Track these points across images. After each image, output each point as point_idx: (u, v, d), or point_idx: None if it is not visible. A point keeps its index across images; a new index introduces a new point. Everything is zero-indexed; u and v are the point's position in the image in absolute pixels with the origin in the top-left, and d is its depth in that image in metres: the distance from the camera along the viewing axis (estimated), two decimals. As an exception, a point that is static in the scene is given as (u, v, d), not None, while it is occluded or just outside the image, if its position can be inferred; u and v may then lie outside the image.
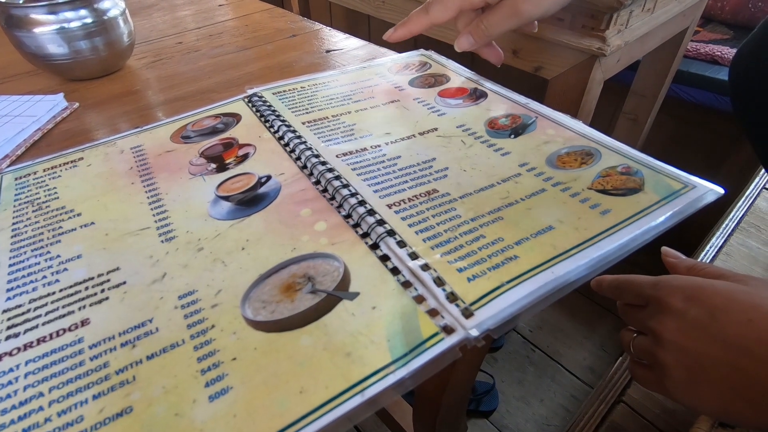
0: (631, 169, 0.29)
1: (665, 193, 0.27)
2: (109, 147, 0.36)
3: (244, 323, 0.22)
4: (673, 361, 0.25)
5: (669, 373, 0.25)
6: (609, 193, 0.28)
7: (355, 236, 0.26)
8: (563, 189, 0.28)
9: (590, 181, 0.29)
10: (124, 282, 0.24)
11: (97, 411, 0.19)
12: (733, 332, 0.23)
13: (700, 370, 0.24)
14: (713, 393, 0.23)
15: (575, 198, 0.28)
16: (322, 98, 0.40)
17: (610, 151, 0.31)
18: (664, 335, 0.25)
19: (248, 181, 0.31)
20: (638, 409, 0.45)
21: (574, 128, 0.34)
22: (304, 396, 0.19)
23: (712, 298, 0.24)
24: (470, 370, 0.57)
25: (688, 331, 0.24)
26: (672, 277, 0.27)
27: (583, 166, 0.30)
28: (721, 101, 0.87)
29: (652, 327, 0.26)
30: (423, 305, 0.22)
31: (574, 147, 0.32)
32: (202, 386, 0.19)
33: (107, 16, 0.45)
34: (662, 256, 0.31)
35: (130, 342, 0.21)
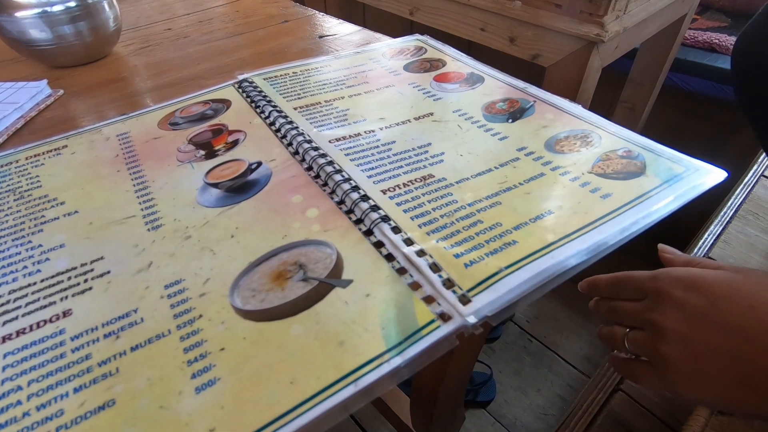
0: (632, 153, 0.29)
1: (667, 177, 0.27)
2: (94, 134, 0.34)
3: (233, 312, 0.21)
4: (675, 351, 0.24)
5: (671, 364, 0.25)
6: (610, 176, 0.27)
7: (349, 222, 0.25)
8: (563, 173, 0.28)
9: (590, 165, 0.28)
10: (109, 271, 0.23)
11: (77, 404, 0.18)
12: (735, 319, 0.23)
13: (703, 359, 0.23)
14: (716, 382, 0.23)
15: (575, 182, 0.27)
16: (314, 83, 0.39)
17: (610, 135, 0.31)
18: (666, 325, 0.25)
19: (238, 168, 0.30)
20: (636, 397, 0.45)
21: (573, 112, 0.33)
22: (295, 387, 0.18)
23: (712, 286, 0.24)
24: (467, 361, 0.56)
25: (689, 320, 0.24)
26: (670, 269, 0.27)
27: (582, 149, 0.29)
28: (719, 90, 0.86)
29: (652, 319, 0.25)
30: (419, 292, 0.21)
31: (574, 131, 0.31)
32: (188, 378, 0.18)
33: (91, 0, 0.44)
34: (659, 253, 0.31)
35: (114, 333, 0.20)
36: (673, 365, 0.24)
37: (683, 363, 0.24)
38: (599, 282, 0.32)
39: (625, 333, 0.28)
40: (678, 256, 0.30)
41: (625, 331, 0.28)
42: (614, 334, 0.29)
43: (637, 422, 0.43)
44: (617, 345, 0.29)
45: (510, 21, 0.68)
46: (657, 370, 0.26)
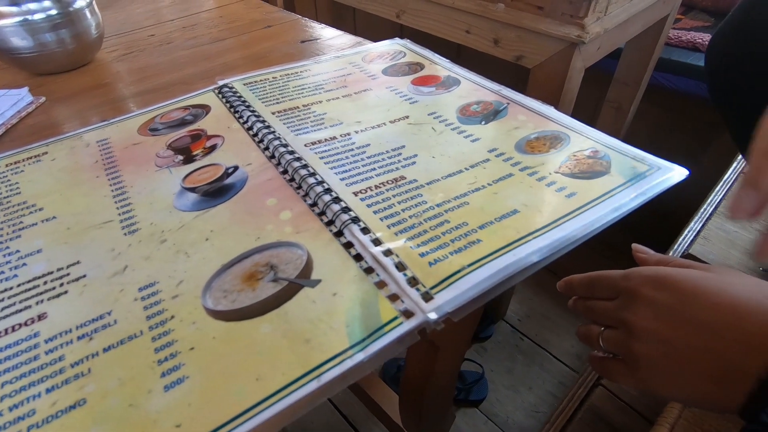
0: (599, 153, 0.30)
1: (630, 176, 0.27)
2: (74, 141, 0.35)
3: (204, 313, 0.21)
4: (646, 349, 0.25)
5: (642, 362, 0.25)
6: (576, 176, 0.28)
7: (320, 224, 0.26)
8: (530, 173, 0.28)
9: (558, 165, 0.29)
10: (84, 275, 0.24)
11: (49, 404, 0.18)
12: (703, 316, 0.23)
13: (673, 356, 0.24)
14: (685, 377, 0.24)
15: (542, 182, 0.28)
16: (293, 88, 0.39)
17: (578, 136, 0.31)
18: (638, 324, 0.25)
19: (215, 172, 0.30)
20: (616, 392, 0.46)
21: (545, 114, 0.34)
22: (261, 383, 0.18)
23: (681, 284, 0.25)
24: (453, 360, 0.57)
25: (659, 318, 0.25)
26: (641, 268, 0.27)
27: (551, 150, 0.30)
28: (704, 88, 0.87)
29: (624, 317, 0.26)
30: (384, 290, 0.22)
31: (544, 132, 0.32)
32: (158, 376, 0.19)
33: (73, 8, 0.44)
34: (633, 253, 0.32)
35: (87, 335, 0.21)
36: (645, 363, 0.25)
37: (654, 360, 0.25)
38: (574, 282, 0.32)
39: (600, 332, 0.29)
40: (651, 256, 0.31)
41: (600, 329, 0.29)
42: (590, 332, 0.30)
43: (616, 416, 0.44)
44: (593, 344, 0.30)
45: (493, 23, 0.68)
46: (630, 367, 0.26)
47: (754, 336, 0.21)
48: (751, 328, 0.22)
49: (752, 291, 0.23)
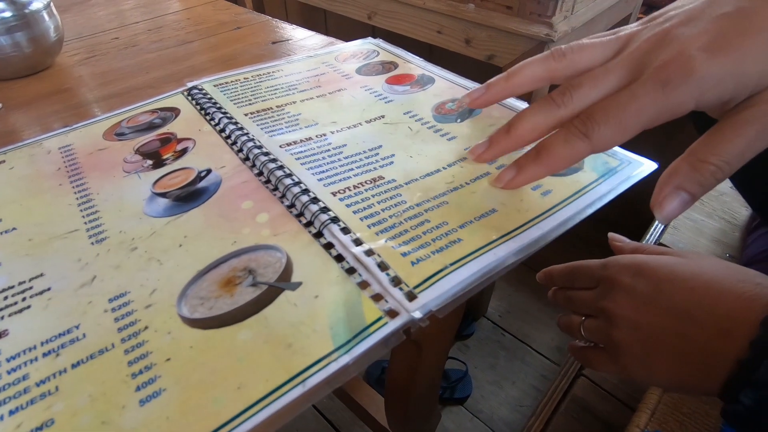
0: None
1: (603, 171, 0.28)
2: (34, 148, 0.33)
3: (180, 322, 0.21)
4: (626, 336, 0.25)
5: (623, 349, 0.25)
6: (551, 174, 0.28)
7: (299, 226, 0.25)
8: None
9: None
10: (49, 288, 0.23)
11: (13, 427, 0.17)
12: (678, 300, 0.24)
13: (652, 342, 0.24)
14: (664, 363, 0.24)
15: None
16: (266, 89, 0.39)
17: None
18: (616, 311, 0.25)
19: (187, 176, 0.29)
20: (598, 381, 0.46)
21: (518, 110, 0.34)
22: (242, 391, 0.18)
23: (656, 271, 0.25)
24: (437, 359, 0.57)
25: (637, 305, 0.25)
26: (619, 257, 0.27)
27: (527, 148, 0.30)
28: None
29: (603, 306, 0.26)
30: (367, 291, 0.21)
31: None
32: (132, 391, 0.18)
33: (29, 10, 0.42)
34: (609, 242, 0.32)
35: (54, 351, 0.20)
36: (624, 350, 0.25)
37: (634, 347, 0.25)
38: (554, 272, 0.33)
39: (581, 321, 0.29)
40: (627, 244, 0.31)
41: (581, 319, 0.29)
42: (571, 322, 0.30)
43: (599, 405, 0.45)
44: (574, 333, 0.30)
45: (465, 23, 0.69)
46: (611, 355, 0.27)
47: (728, 318, 0.22)
48: (726, 311, 0.22)
49: (726, 274, 0.24)
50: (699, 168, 0.20)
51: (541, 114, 0.24)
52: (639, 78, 0.21)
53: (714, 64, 0.19)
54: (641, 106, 0.21)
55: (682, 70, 0.20)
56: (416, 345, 0.47)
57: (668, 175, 0.21)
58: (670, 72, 0.20)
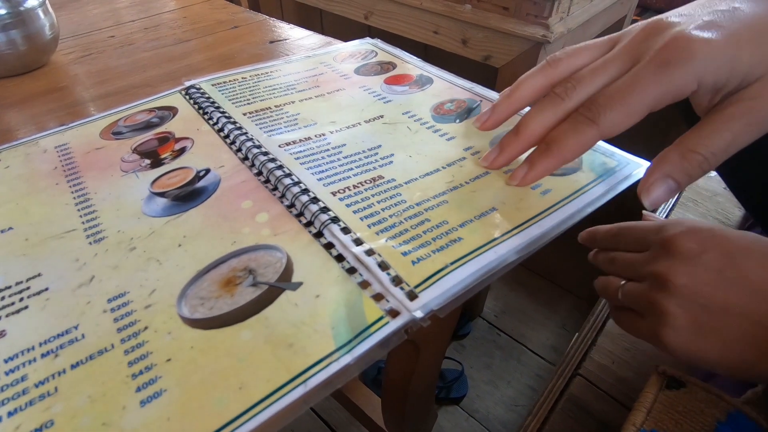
0: None
1: (601, 171, 0.28)
2: (30, 147, 0.33)
3: (180, 322, 0.20)
4: (678, 308, 0.22)
5: (670, 321, 0.23)
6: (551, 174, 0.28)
7: (299, 225, 0.25)
8: (506, 171, 0.29)
9: None
10: (47, 288, 0.22)
11: (12, 428, 0.17)
12: (755, 276, 0.21)
13: (711, 317, 0.22)
14: (721, 342, 0.22)
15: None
16: (264, 89, 0.39)
17: None
18: (672, 279, 0.22)
19: (185, 176, 0.29)
20: (594, 380, 0.47)
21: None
22: (244, 392, 0.18)
23: (730, 241, 0.22)
24: (434, 359, 0.57)
25: (700, 275, 0.22)
26: (681, 220, 0.25)
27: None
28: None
29: (656, 271, 0.23)
30: (368, 290, 0.21)
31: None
32: (132, 391, 0.18)
33: (24, 7, 0.42)
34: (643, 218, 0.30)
35: (53, 351, 0.20)
36: (672, 321, 0.22)
37: (684, 320, 0.22)
38: (598, 233, 0.30)
39: (620, 284, 0.26)
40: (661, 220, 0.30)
41: (621, 282, 0.27)
42: (609, 284, 0.28)
43: (595, 404, 0.45)
44: (610, 295, 0.28)
45: (461, 24, 0.69)
46: (651, 323, 0.24)
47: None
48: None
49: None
50: (688, 158, 0.21)
51: (548, 111, 0.24)
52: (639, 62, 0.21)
53: (713, 46, 0.20)
54: (645, 87, 0.21)
55: (682, 50, 0.20)
56: (414, 345, 0.47)
57: (657, 162, 0.23)
58: (671, 52, 0.20)
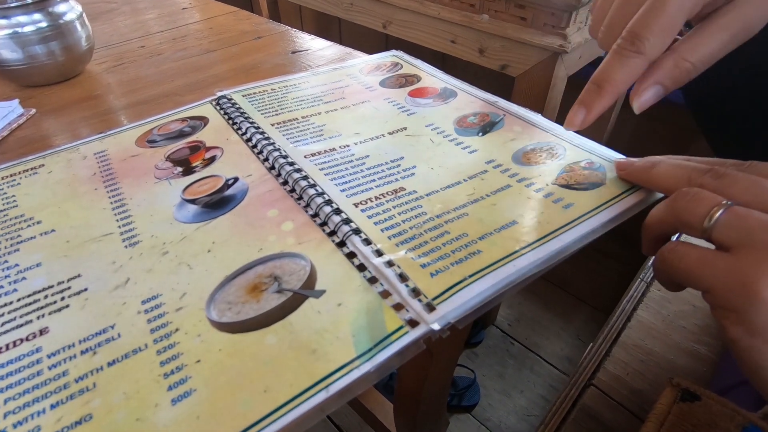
0: (594, 164, 0.30)
1: (625, 187, 0.28)
2: (71, 153, 0.35)
3: (209, 325, 0.22)
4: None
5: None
6: (572, 187, 0.28)
7: (322, 235, 0.26)
8: (528, 185, 0.29)
9: (554, 177, 0.29)
10: (86, 289, 0.24)
11: (54, 420, 0.18)
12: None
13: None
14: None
15: (539, 193, 0.28)
16: (292, 100, 0.40)
17: (574, 147, 0.32)
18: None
19: (215, 184, 0.31)
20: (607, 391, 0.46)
21: (540, 125, 0.35)
22: (269, 395, 0.19)
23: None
24: (447, 365, 0.58)
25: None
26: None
27: (548, 161, 0.31)
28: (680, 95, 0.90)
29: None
30: (388, 300, 0.22)
31: (540, 143, 0.33)
32: (164, 390, 0.19)
33: (63, 20, 0.44)
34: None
35: (91, 349, 0.21)
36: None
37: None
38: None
39: (722, 203, 0.19)
40: None
41: (723, 201, 0.19)
42: (697, 201, 0.20)
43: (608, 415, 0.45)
44: (692, 217, 0.19)
45: (479, 33, 0.70)
46: (748, 264, 0.17)
47: None
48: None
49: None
50: (680, 65, 0.23)
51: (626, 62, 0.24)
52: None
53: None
54: (674, 3, 0.22)
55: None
56: (427, 352, 0.48)
57: (652, 69, 0.24)
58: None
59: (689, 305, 0.51)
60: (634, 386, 0.46)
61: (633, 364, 0.47)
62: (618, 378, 0.46)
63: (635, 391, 0.46)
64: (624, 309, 0.52)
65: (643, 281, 0.54)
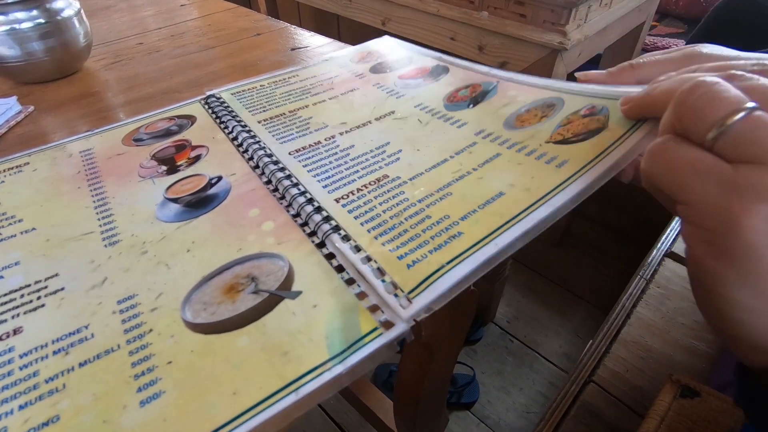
0: (596, 108, 0.26)
1: (630, 124, 0.24)
2: (57, 151, 0.35)
3: (183, 326, 0.21)
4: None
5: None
6: (569, 141, 0.25)
7: (302, 235, 0.26)
8: (519, 149, 0.26)
9: (549, 134, 0.26)
10: (62, 288, 0.24)
11: (21, 421, 0.18)
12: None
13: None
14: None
15: (531, 156, 0.26)
16: (281, 95, 0.39)
17: (574, 96, 0.28)
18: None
19: (198, 183, 0.30)
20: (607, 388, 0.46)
21: (537, 84, 0.31)
22: (237, 397, 0.18)
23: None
24: (447, 362, 0.57)
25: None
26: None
27: (543, 119, 0.28)
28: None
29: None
30: (365, 302, 0.22)
31: (536, 102, 0.30)
32: (134, 391, 0.19)
33: (61, 17, 0.44)
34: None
35: (63, 349, 0.21)
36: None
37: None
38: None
39: (737, 108, 0.14)
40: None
41: (741, 106, 0.14)
42: (718, 99, 0.15)
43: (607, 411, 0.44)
44: (699, 122, 0.15)
45: (478, 30, 0.69)
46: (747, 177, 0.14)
47: None
48: None
49: None
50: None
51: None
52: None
53: None
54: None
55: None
56: (427, 348, 0.47)
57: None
58: None
59: (688, 302, 0.51)
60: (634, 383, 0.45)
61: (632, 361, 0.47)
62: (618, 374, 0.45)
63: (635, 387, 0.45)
64: (624, 306, 0.51)
65: (642, 278, 0.54)
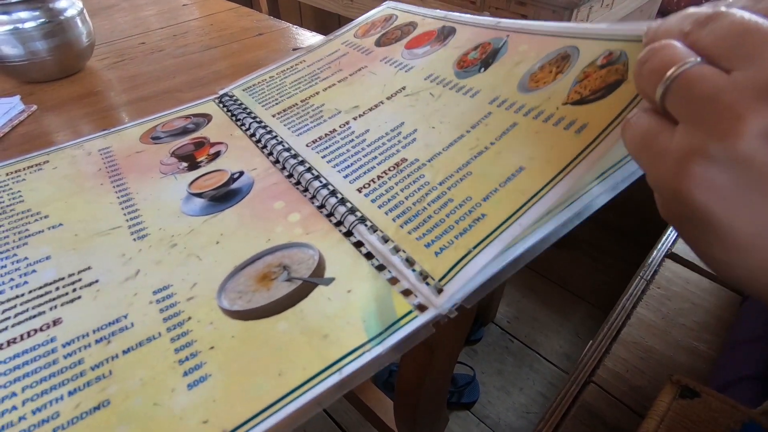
0: (613, 56, 0.24)
1: None
2: (75, 150, 0.35)
3: (221, 313, 0.22)
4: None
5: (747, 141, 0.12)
6: (587, 100, 0.23)
7: (329, 225, 0.26)
8: (536, 115, 0.25)
9: (566, 94, 0.25)
10: (97, 280, 0.24)
11: (73, 406, 0.18)
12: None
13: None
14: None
15: (548, 122, 0.24)
16: (290, 84, 0.39)
17: (589, 41, 0.26)
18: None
19: (221, 178, 0.31)
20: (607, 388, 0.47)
21: (548, 30, 0.29)
22: (282, 378, 0.19)
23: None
24: (448, 361, 0.58)
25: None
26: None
27: (558, 76, 0.26)
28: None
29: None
30: (397, 286, 0.22)
31: (549, 55, 0.28)
32: (180, 376, 0.19)
33: (64, 16, 0.44)
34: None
35: (105, 338, 0.21)
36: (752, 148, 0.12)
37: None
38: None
39: (672, 66, 0.14)
40: None
41: (677, 62, 0.14)
42: (658, 60, 0.14)
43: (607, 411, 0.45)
44: (647, 88, 0.15)
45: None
46: (699, 139, 0.13)
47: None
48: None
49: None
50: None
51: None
52: None
53: None
54: None
55: None
56: (428, 346, 0.48)
57: None
58: None
59: (689, 303, 0.52)
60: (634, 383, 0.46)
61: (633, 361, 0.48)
62: (618, 375, 0.47)
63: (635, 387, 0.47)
64: (624, 306, 0.52)
65: (642, 279, 0.55)
